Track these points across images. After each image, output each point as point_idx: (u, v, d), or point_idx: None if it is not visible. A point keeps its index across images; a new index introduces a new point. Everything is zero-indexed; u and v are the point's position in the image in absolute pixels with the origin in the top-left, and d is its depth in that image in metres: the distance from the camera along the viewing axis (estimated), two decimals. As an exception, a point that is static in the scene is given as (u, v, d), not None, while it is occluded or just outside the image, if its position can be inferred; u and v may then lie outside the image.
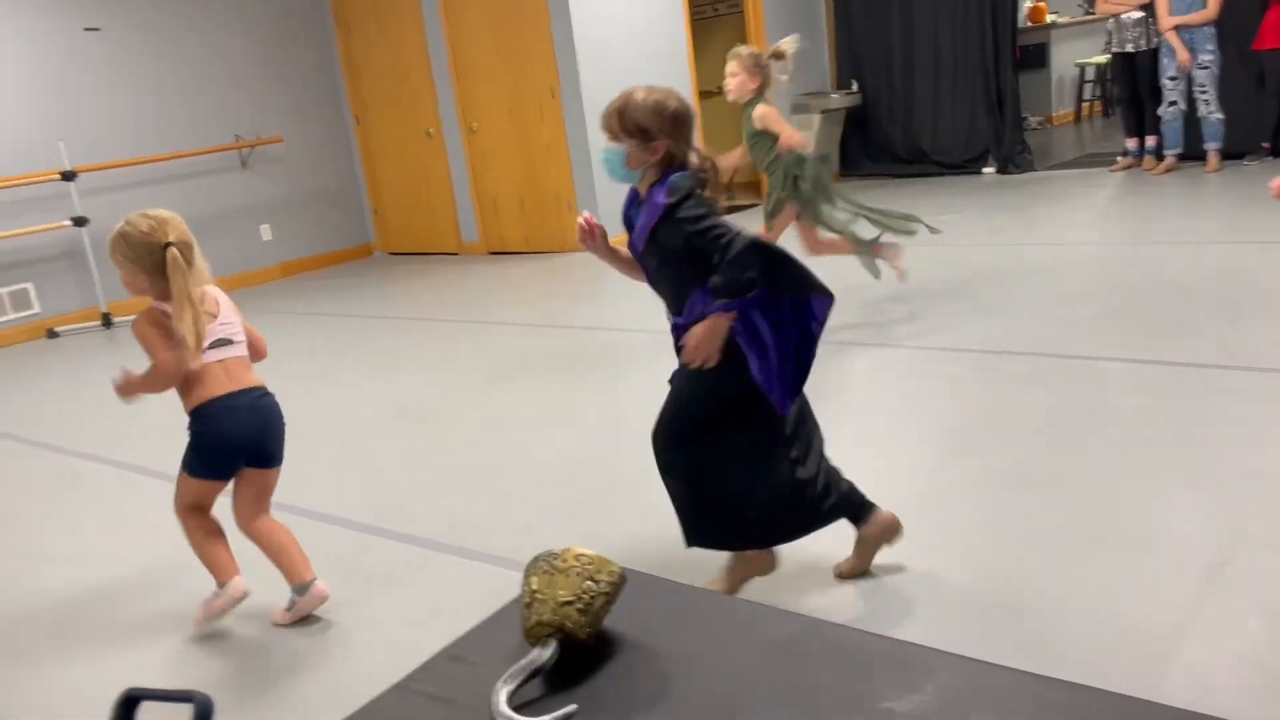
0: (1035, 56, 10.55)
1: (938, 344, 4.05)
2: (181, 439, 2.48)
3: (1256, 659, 1.90)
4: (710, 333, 2.14)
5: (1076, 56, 10.99)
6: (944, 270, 5.28)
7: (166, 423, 4.36)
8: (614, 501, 2.99)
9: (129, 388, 2.44)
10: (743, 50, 4.39)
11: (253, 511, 2.56)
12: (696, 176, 2.18)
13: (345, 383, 4.72)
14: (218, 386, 2.44)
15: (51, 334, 6.63)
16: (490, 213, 7.94)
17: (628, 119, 2.20)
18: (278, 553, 2.53)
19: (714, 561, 2.36)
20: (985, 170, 8.25)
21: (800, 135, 4.32)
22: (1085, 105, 11.02)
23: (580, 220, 2.32)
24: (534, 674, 1.19)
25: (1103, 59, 10.82)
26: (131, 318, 2.50)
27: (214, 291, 2.53)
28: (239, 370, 2.49)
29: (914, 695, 1.09)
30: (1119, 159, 7.47)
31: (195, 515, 2.53)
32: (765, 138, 4.38)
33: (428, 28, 7.76)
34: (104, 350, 6.04)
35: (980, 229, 6.22)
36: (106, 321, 6.70)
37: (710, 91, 9.62)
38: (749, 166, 6.22)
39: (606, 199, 7.26)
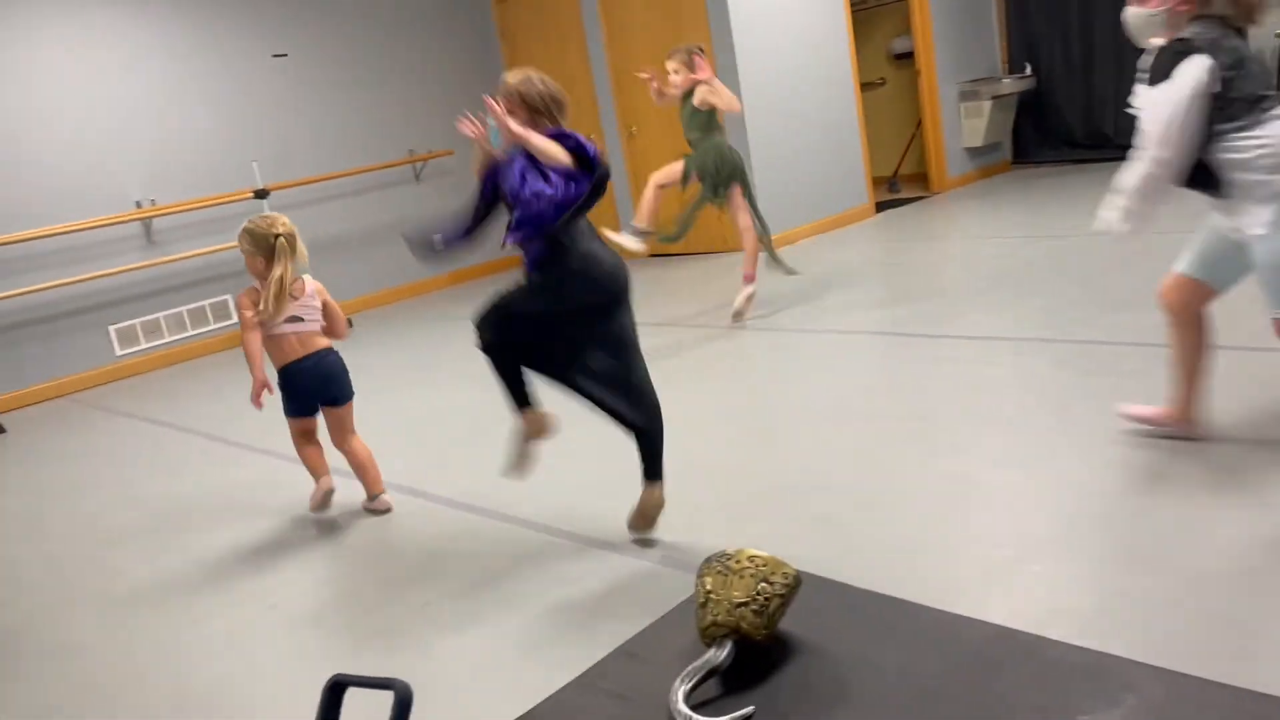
0: (1229, 28, 9.78)
1: (1120, 339, 3.83)
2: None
3: None
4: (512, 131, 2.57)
5: (1278, 26, 10.15)
6: (1130, 262, 4.98)
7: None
8: (780, 504, 2.96)
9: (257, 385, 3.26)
10: (680, 49, 5.10)
11: (340, 437, 3.44)
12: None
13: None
14: (291, 352, 3.32)
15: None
16: (651, 215, 8.01)
17: (519, 97, 2.64)
18: (359, 469, 3.43)
19: (881, 565, 2.30)
20: (1174, 152, 7.73)
21: (737, 103, 5.03)
22: (1288, 77, 10.16)
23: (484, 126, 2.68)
24: (710, 674, 1.18)
25: (1308, 26, 9.92)
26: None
27: (309, 282, 3.40)
28: (309, 339, 3.35)
29: (1113, 710, 1.02)
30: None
31: (303, 442, 3.46)
32: (699, 118, 5.04)
33: (588, 36, 7.91)
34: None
35: (1172, 215, 5.82)
36: (296, 329, 7.15)
37: (871, 83, 9.42)
38: (915, 158, 6.03)
39: (764, 195, 7.22)
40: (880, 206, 8.22)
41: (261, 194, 7.04)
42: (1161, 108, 2.44)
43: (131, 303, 6.75)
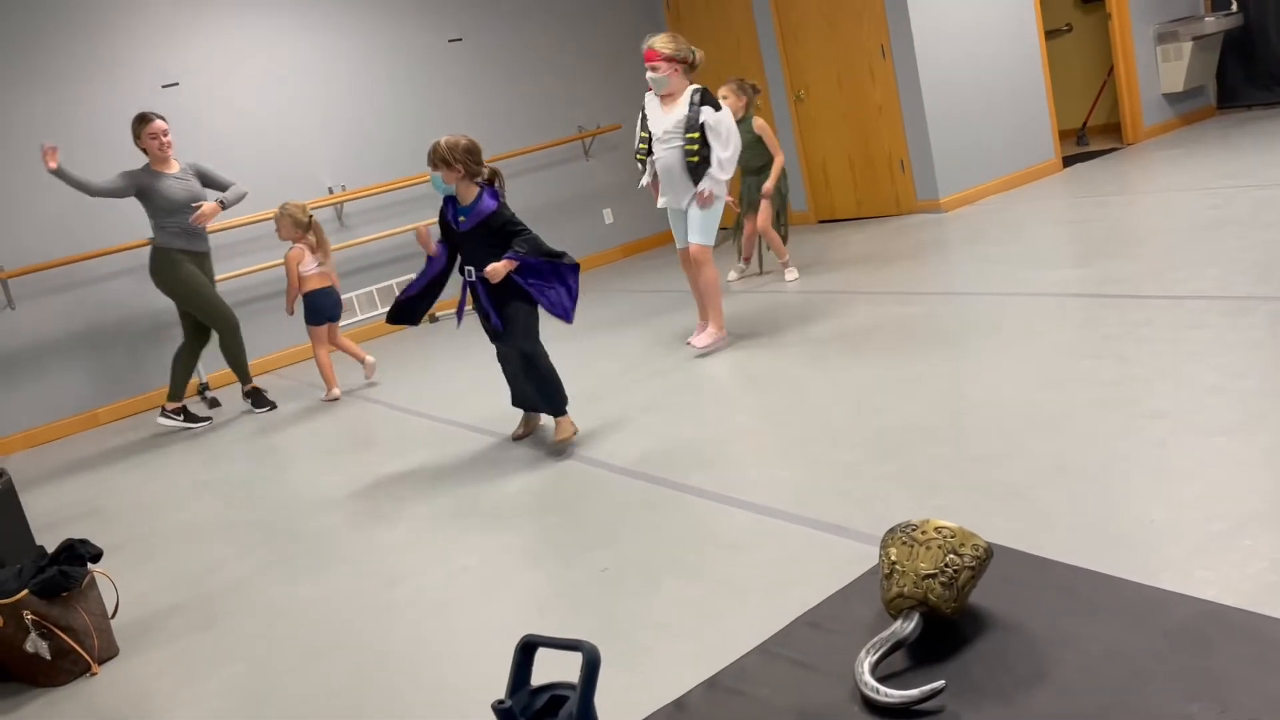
0: None
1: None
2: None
3: None
4: (505, 266, 3.66)
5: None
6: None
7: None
8: (968, 473, 2.86)
9: (290, 304, 5.60)
10: (731, 80, 5.85)
11: (334, 336, 5.66)
12: (501, 190, 3.85)
13: (685, 354, 4.88)
14: (314, 285, 5.50)
15: (432, 319, 7.44)
16: (820, 180, 7.85)
17: (437, 156, 3.71)
18: (350, 351, 5.78)
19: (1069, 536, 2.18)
20: None
21: (782, 156, 5.98)
22: None
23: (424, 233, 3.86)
24: (896, 646, 1.16)
25: None
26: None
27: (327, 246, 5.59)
28: (325, 277, 5.53)
29: (1351, 698, 0.94)
30: None
31: (321, 349, 5.60)
32: (761, 144, 5.88)
33: (754, 1, 7.79)
34: (472, 333, 6.67)
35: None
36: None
37: (1056, 30, 8.88)
38: (1106, 108, 5.58)
39: (942, 154, 6.94)
40: (1068, 161, 7.76)
41: (441, 176, 7.30)
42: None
43: (326, 284, 7.16)
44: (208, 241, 5.53)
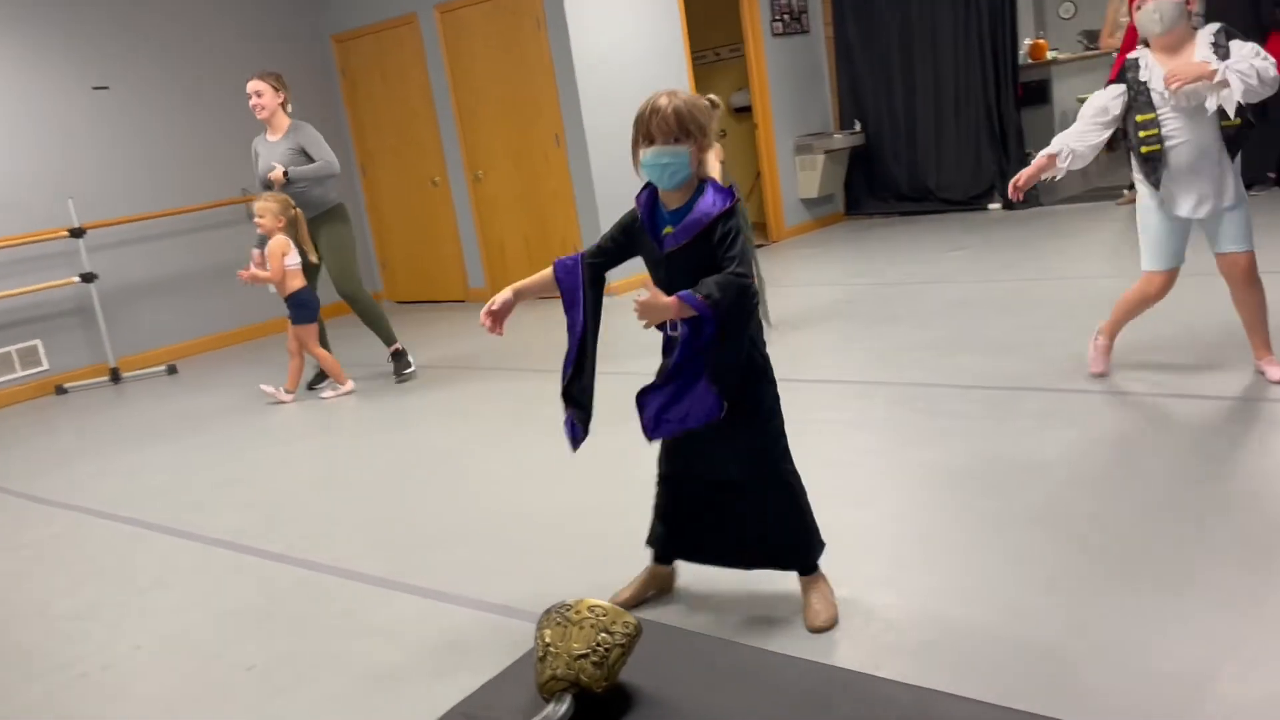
0: (1037, 93, 10.59)
1: (952, 381, 4.01)
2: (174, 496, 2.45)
3: (1295, 699, 1.83)
4: (676, 309, 2.13)
5: (1079, 91, 11.03)
6: (956, 308, 5.25)
7: (162, 483, 4.34)
8: (627, 551, 2.94)
9: (253, 277, 5.13)
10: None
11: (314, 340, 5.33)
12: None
13: (355, 433, 4.69)
14: (299, 283, 5.17)
15: (60, 390, 6.63)
16: (497, 259, 7.96)
17: (677, 124, 2.11)
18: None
19: (731, 611, 2.30)
20: (991, 206, 8.26)
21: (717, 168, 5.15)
22: (1088, 140, 11.04)
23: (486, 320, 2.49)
24: (548, 731, 1.14)
25: (1104, 94, 10.82)
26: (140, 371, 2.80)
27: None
28: (300, 277, 5.18)
29: (945, 747, 1.04)
30: (1125, 192, 7.48)
31: (316, 346, 5.29)
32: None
33: (432, 78, 7.84)
34: (112, 406, 6.03)
35: (989, 265, 6.20)
36: (115, 377, 6.69)
37: (713, 135, 9.69)
38: (754, 208, 6.09)
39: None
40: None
41: (77, 233, 6.62)
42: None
43: (-75, 348, 6.19)
44: (316, 206, 5.31)
